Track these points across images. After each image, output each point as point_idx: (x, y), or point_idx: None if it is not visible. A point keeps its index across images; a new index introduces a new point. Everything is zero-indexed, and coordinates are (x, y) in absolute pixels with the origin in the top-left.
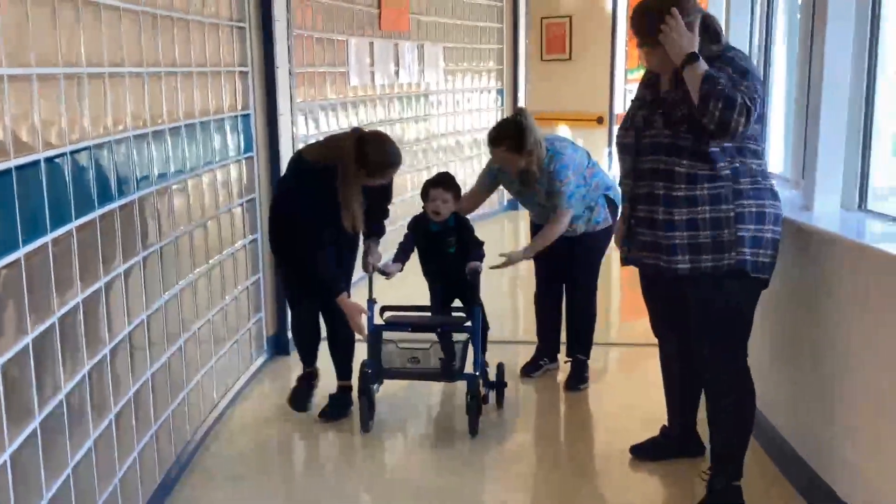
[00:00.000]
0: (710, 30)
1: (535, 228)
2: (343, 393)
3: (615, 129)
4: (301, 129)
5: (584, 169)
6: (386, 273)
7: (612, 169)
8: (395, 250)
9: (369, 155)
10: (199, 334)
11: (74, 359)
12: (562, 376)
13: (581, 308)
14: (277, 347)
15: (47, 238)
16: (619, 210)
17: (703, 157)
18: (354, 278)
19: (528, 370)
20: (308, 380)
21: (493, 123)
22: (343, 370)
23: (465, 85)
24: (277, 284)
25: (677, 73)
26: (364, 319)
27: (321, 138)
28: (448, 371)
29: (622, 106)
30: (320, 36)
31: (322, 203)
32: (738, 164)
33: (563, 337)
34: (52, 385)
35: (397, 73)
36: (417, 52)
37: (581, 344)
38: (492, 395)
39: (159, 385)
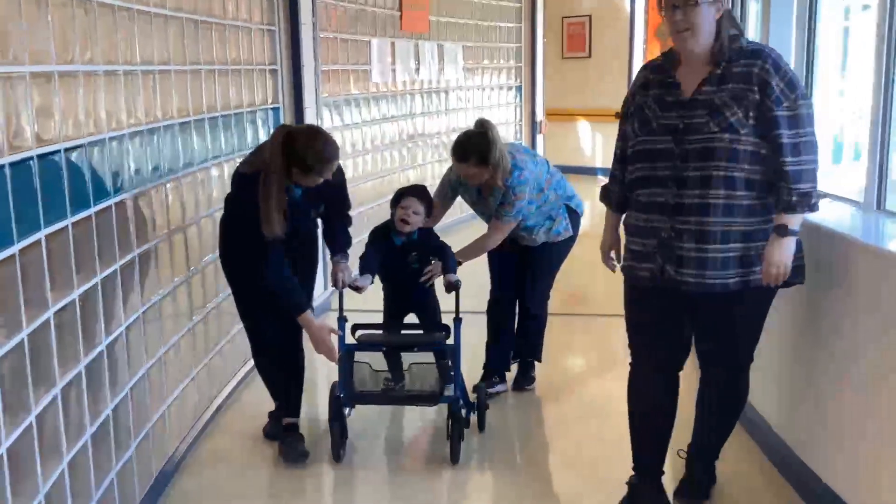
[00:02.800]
0: (732, 16)
1: None
2: (290, 432)
3: None
4: (326, 122)
5: (543, 182)
6: (358, 288)
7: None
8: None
9: (300, 151)
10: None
11: (113, 316)
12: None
13: (535, 318)
14: None
15: (127, 195)
16: (581, 219)
17: (761, 161)
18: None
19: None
20: (296, 434)
21: (510, 119)
22: (294, 405)
23: (485, 82)
24: None
25: (716, 62)
26: (334, 340)
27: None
28: (429, 395)
29: None
30: (345, 37)
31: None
32: None
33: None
34: (96, 338)
35: (417, 70)
36: (437, 51)
37: (532, 350)
38: (472, 418)
39: (185, 349)
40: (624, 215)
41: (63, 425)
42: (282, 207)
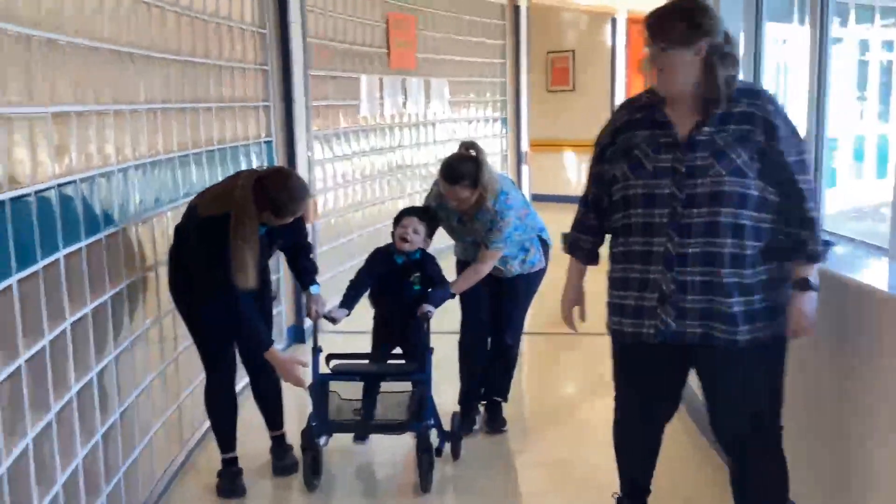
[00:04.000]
0: (729, 55)
1: (462, 266)
2: (279, 443)
3: None
4: (317, 154)
5: (522, 210)
6: (333, 319)
7: None
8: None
9: (271, 193)
10: None
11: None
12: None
13: (507, 352)
14: (296, 336)
15: (132, 222)
16: (550, 251)
17: (767, 207)
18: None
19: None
20: (233, 469)
21: (496, 150)
22: (275, 420)
23: (471, 115)
24: (294, 281)
25: (705, 103)
26: (300, 371)
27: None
28: (384, 424)
29: None
30: (335, 74)
31: (223, 256)
32: None
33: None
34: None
35: (405, 104)
36: (424, 86)
37: (501, 388)
38: (447, 446)
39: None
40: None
41: (57, 448)
42: (256, 258)
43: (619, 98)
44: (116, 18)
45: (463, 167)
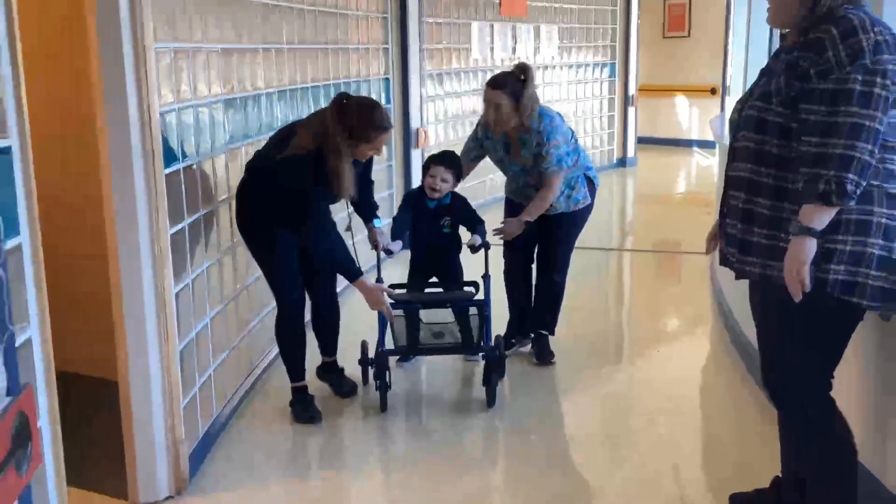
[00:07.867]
0: None
1: (509, 205)
2: (334, 368)
3: (727, 99)
4: (430, 91)
5: (569, 141)
6: (389, 251)
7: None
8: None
9: (350, 115)
10: None
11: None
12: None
13: (553, 288)
14: None
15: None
16: (597, 191)
17: (797, 137)
18: None
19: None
20: (306, 397)
21: (604, 93)
22: (330, 347)
23: (580, 59)
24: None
25: (803, 33)
26: (386, 299)
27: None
28: (470, 345)
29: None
30: (448, 21)
31: (320, 185)
32: None
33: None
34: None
35: (514, 49)
36: (534, 32)
37: (548, 322)
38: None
39: None
40: None
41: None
42: (351, 168)
43: (733, 44)
44: None
45: (508, 78)
